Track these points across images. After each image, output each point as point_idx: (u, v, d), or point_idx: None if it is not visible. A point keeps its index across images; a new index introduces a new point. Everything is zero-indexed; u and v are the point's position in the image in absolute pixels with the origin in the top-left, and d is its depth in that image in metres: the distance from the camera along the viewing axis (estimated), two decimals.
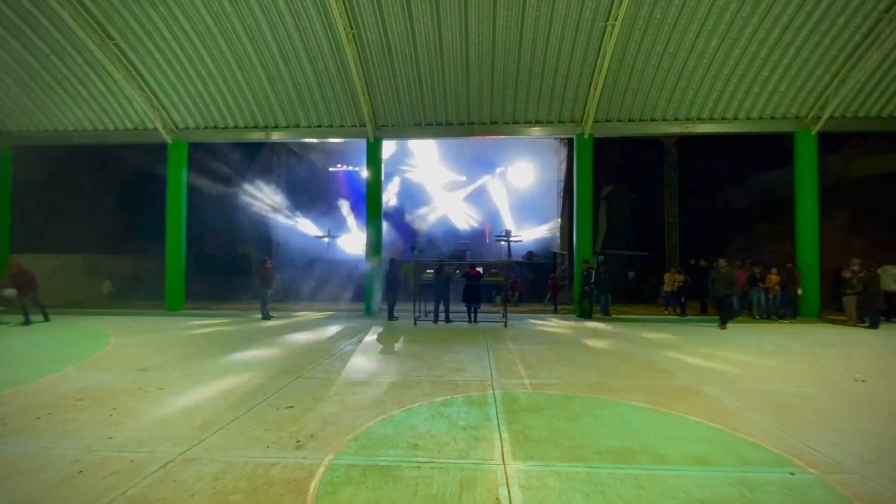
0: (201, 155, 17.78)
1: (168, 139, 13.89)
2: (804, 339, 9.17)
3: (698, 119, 13.01)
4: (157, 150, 14.63)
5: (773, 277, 12.26)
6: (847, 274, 11.05)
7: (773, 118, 12.85)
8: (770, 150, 16.06)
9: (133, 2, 11.04)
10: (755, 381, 5.81)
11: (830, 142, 14.30)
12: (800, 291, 12.14)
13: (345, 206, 22.52)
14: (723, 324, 10.44)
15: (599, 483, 3.10)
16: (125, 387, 5.45)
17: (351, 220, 22.57)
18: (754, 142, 15.97)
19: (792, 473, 3.24)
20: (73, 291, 16.46)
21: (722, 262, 10.93)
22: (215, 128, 14.04)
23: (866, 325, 10.54)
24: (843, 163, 16.36)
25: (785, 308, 12.17)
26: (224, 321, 11.81)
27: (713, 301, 10.77)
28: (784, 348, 8.09)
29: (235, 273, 18.20)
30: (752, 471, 3.29)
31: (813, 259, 12.58)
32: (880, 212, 15.64)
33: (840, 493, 2.97)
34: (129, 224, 18.77)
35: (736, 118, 12.92)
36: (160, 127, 13.53)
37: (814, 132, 12.62)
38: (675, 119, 13.07)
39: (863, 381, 5.75)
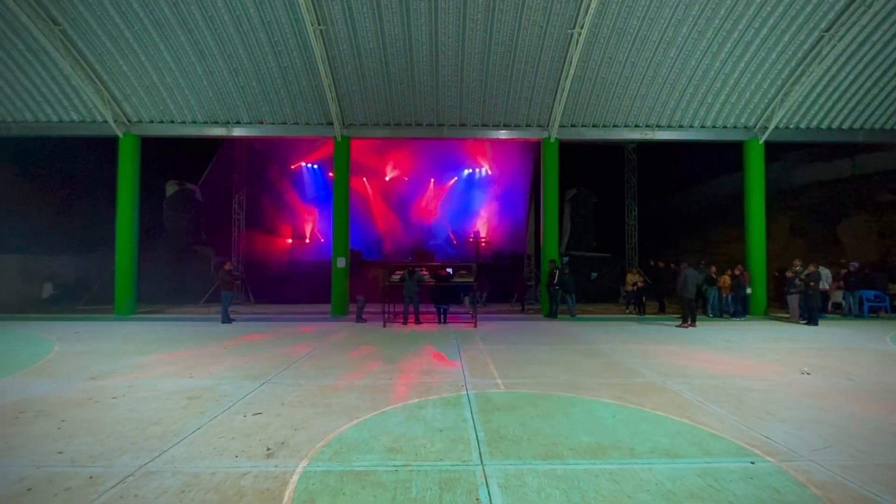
0: (156, 149, 16.84)
1: (119, 133, 13.09)
2: (754, 335, 9.74)
3: (657, 126, 13.59)
4: (108, 144, 13.72)
5: (726, 278, 12.97)
6: (790, 274, 11.85)
7: (724, 127, 13.62)
8: (722, 156, 16.98)
9: None
10: (713, 375, 6.12)
11: (776, 150, 15.31)
12: (749, 291, 12.89)
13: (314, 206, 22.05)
14: (693, 322, 10.87)
15: (576, 479, 3.16)
16: (74, 397, 5.07)
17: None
18: (708, 149, 16.87)
19: (752, 462, 3.43)
20: (8, 295, 15.18)
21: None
22: (172, 122, 13.36)
23: (807, 321, 11.31)
24: (786, 170, 17.55)
25: (736, 306, 12.89)
26: (180, 325, 11.25)
27: (682, 301, 11.08)
28: (737, 344, 8.56)
29: (192, 275, 17.33)
30: (717, 461, 3.45)
31: (761, 260, 13.44)
32: (818, 216, 16.89)
33: (796, 479, 3.17)
34: (74, 223, 17.51)
35: (691, 126, 13.58)
36: (110, 120, 12.73)
37: (761, 141, 13.47)
38: (636, 126, 13.60)
39: (808, 374, 6.17)
